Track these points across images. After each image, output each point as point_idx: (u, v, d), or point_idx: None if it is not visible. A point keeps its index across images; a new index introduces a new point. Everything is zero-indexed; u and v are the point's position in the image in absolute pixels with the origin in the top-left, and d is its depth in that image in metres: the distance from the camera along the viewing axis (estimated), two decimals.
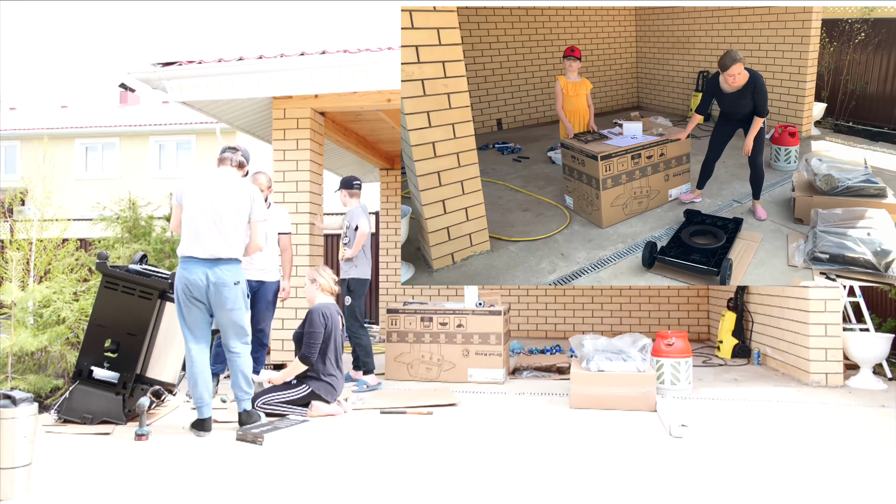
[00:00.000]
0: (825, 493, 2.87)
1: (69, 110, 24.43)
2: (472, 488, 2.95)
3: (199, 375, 3.92)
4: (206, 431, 3.92)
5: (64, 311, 5.07)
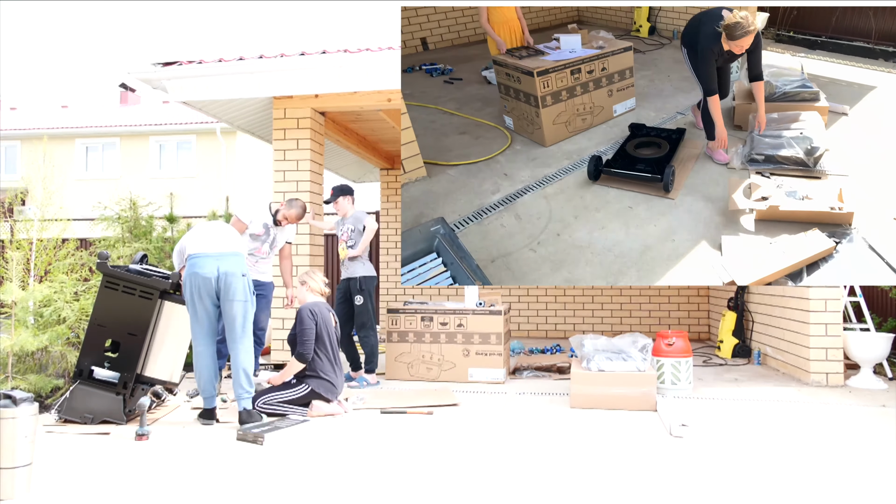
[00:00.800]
0: (825, 493, 2.87)
1: (69, 110, 24.43)
2: (472, 488, 2.95)
3: (207, 369, 4.12)
4: (214, 420, 4.14)
5: (64, 310, 5.08)
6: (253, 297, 4.19)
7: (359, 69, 5.92)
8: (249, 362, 4.12)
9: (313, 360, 4.41)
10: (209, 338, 4.13)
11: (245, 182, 19.87)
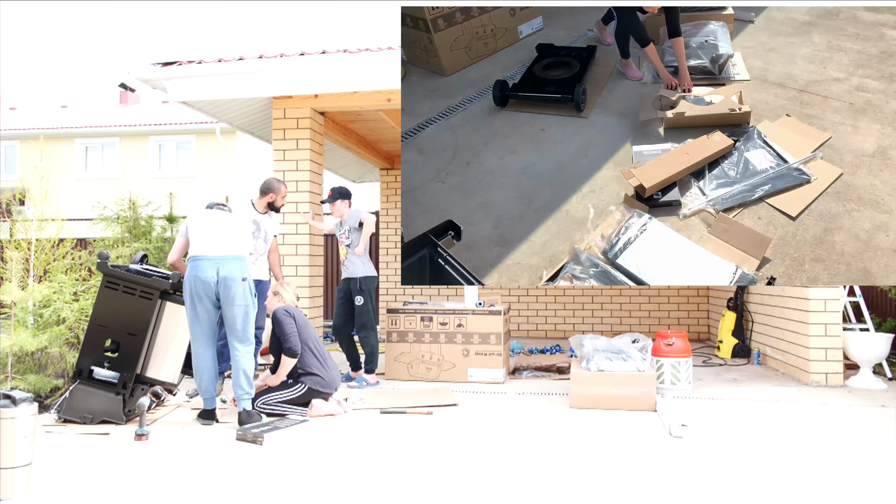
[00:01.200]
0: (825, 493, 2.87)
1: (69, 110, 24.42)
2: (473, 488, 2.95)
3: (207, 371, 4.12)
4: (213, 420, 4.15)
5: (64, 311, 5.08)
6: (254, 300, 4.21)
7: (359, 69, 5.91)
8: (250, 363, 4.14)
9: (303, 357, 4.41)
10: (209, 339, 4.13)
11: (245, 182, 19.87)
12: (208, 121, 18.25)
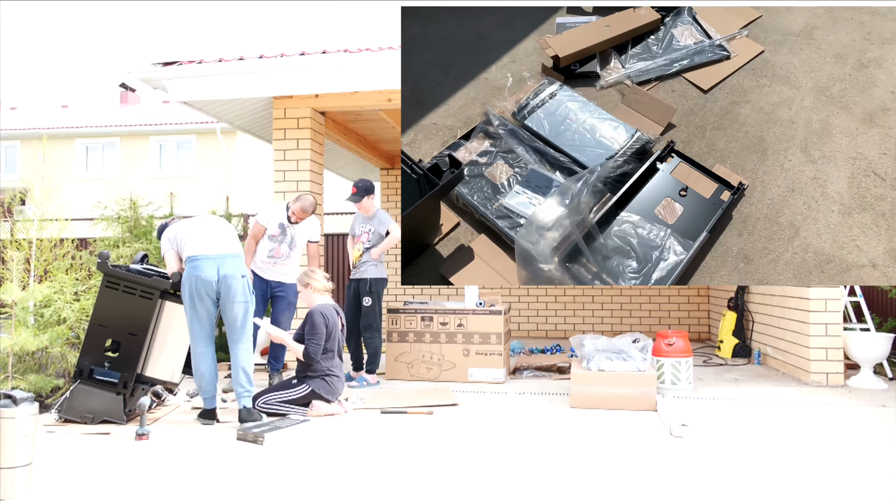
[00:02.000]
0: (825, 493, 2.87)
1: (69, 110, 24.43)
2: (473, 488, 2.95)
3: (208, 371, 4.11)
4: (214, 420, 4.15)
5: (64, 310, 5.08)
6: (252, 297, 4.20)
7: (359, 69, 5.91)
8: (249, 362, 4.14)
9: (322, 360, 4.41)
10: (209, 339, 4.13)
11: (245, 182, 19.87)
12: (209, 121, 18.25)
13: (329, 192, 7.98)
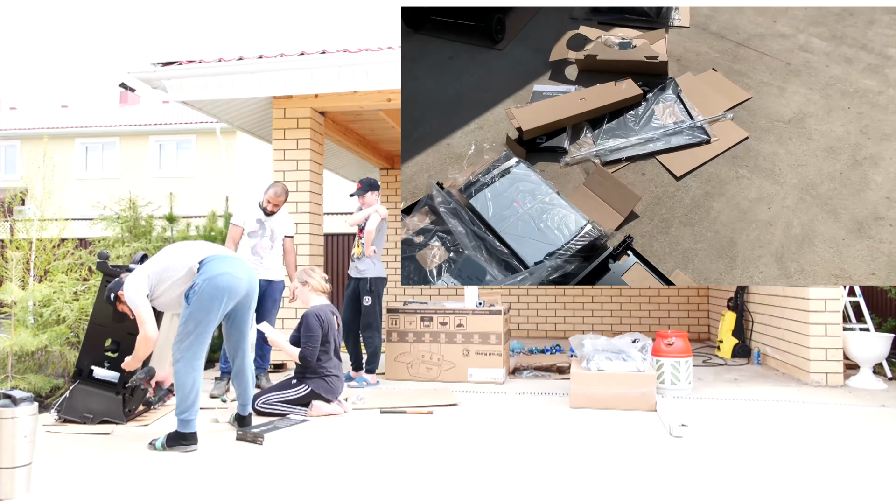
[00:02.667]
0: (825, 493, 2.87)
1: (69, 110, 24.43)
2: (473, 488, 2.95)
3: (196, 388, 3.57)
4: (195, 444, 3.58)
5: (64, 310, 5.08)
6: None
7: (359, 69, 5.91)
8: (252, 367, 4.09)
9: (319, 360, 4.41)
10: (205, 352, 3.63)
11: (245, 182, 19.87)
12: (208, 121, 18.25)
13: (329, 192, 7.98)
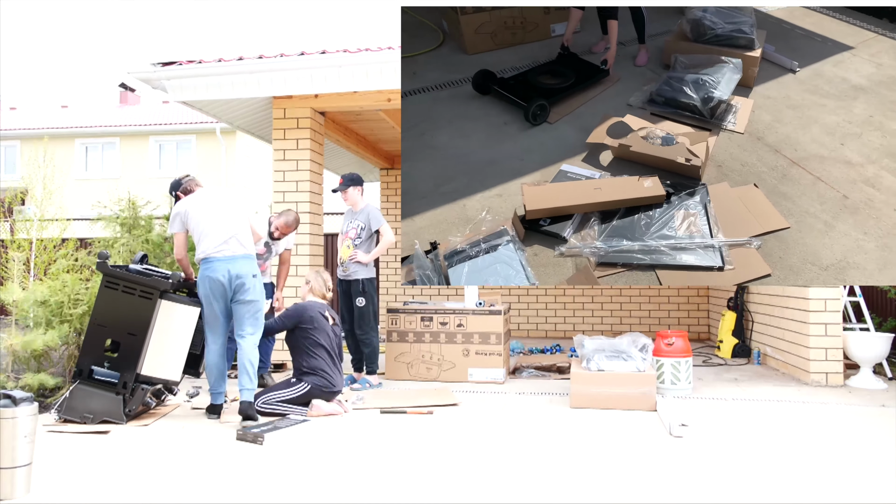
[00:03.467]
0: (825, 493, 2.87)
1: (69, 110, 24.43)
2: (473, 488, 2.95)
3: (216, 367, 4.29)
4: (217, 416, 4.30)
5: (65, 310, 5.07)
6: (262, 296, 4.39)
7: (359, 69, 5.91)
8: (255, 355, 4.26)
9: (311, 357, 4.42)
10: (219, 334, 4.30)
11: (245, 182, 19.87)
12: (208, 121, 18.25)
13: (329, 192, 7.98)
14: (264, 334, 4.49)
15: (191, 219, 4.32)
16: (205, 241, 4.26)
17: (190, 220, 4.32)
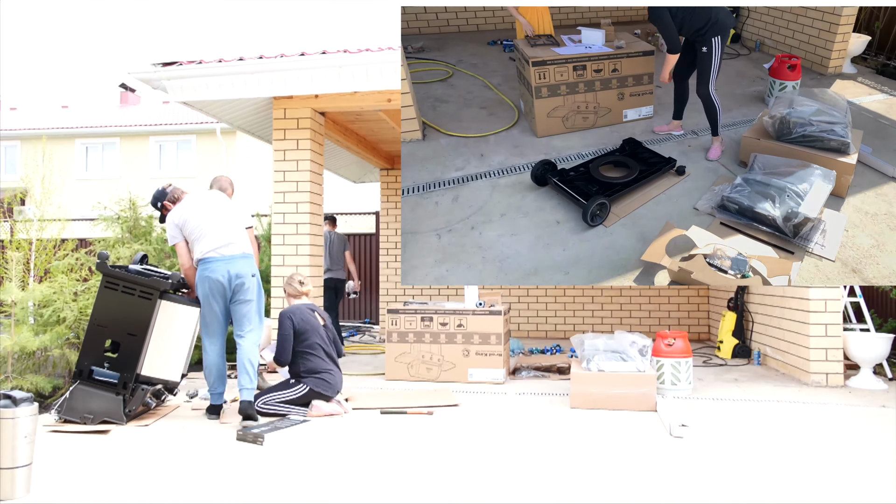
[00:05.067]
0: (825, 493, 2.87)
1: (69, 110, 24.42)
2: (473, 488, 2.95)
3: (216, 368, 4.30)
4: (217, 416, 4.30)
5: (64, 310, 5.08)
6: (262, 295, 4.42)
7: (359, 69, 5.91)
8: (255, 355, 4.29)
9: (307, 359, 4.42)
10: (217, 335, 4.31)
11: (245, 182, 19.86)
12: (208, 121, 18.25)
13: (329, 192, 7.98)
14: (281, 364, 4.46)
15: (188, 223, 4.29)
16: (203, 241, 4.25)
17: (187, 225, 4.29)
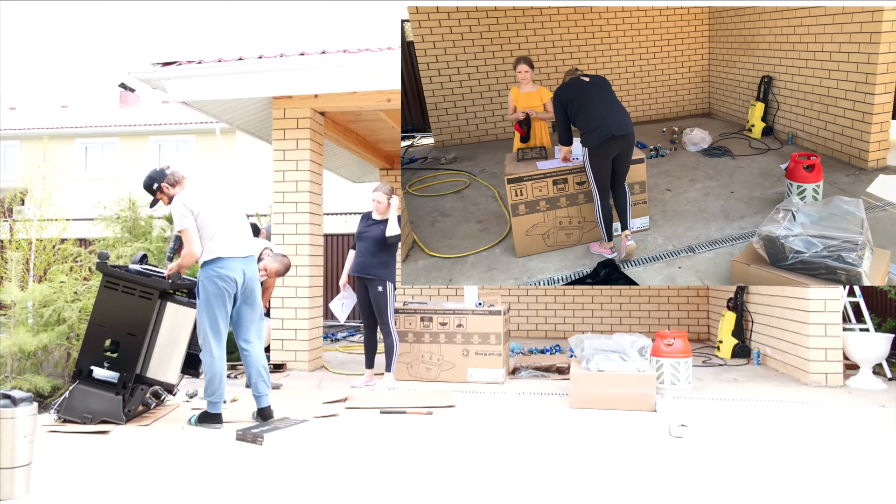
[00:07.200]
0: (825, 493, 2.87)
1: (69, 110, 24.41)
2: (472, 488, 2.95)
3: (223, 373, 4.08)
4: (220, 424, 4.06)
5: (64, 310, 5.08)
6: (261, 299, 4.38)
7: (358, 69, 5.90)
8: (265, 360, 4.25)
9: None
10: (224, 339, 4.13)
11: (245, 182, 19.86)
12: (208, 121, 18.24)
13: (329, 192, 7.98)
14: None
15: (201, 215, 4.02)
16: (217, 240, 4.04)
17: (199, 217, 4.01)
